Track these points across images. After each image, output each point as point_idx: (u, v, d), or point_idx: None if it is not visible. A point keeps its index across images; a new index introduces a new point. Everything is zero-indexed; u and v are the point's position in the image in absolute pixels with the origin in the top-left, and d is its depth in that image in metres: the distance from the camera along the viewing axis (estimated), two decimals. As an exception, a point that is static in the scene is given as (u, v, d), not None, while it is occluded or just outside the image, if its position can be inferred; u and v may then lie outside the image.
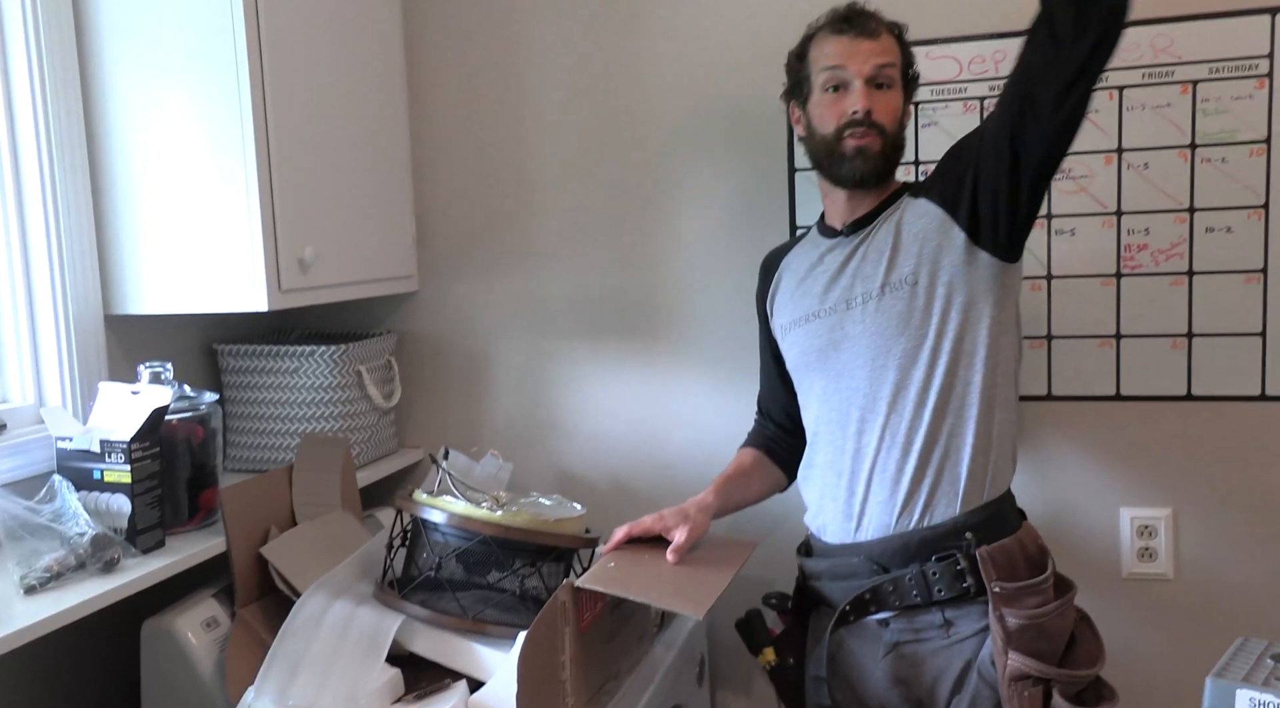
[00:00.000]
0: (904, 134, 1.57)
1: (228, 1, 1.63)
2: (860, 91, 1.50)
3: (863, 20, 1.53)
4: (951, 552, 1.47)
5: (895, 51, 1.54)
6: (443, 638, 1.50)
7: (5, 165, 1.63)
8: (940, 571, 1.47)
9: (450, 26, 2.14)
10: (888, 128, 1.52)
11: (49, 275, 1.66)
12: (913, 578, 1.48)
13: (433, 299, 2.21)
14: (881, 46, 1.52)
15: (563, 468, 2.17)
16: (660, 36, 2.03)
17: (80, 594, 1.37)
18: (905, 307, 1.50)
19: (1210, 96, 1.78)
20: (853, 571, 1.54)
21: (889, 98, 1.52)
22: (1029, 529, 1.54)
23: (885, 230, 1.54)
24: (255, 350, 1.96)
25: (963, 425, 1.49)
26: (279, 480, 1.70)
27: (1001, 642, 1.41)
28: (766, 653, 1.65)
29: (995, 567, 1.44)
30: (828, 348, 1.56)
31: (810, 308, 1.59)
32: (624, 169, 2.07)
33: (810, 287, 1.61)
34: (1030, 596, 1.43)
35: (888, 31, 1.54)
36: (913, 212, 1.53)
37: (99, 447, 1.51)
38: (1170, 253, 1.82)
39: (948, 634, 1.49)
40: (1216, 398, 1.83)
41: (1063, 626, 1.46)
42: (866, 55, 1.51)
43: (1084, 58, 1.31)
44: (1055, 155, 1.42)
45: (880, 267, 1.52)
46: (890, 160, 1.54)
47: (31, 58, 1.62)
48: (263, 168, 1.68)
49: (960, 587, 1.46)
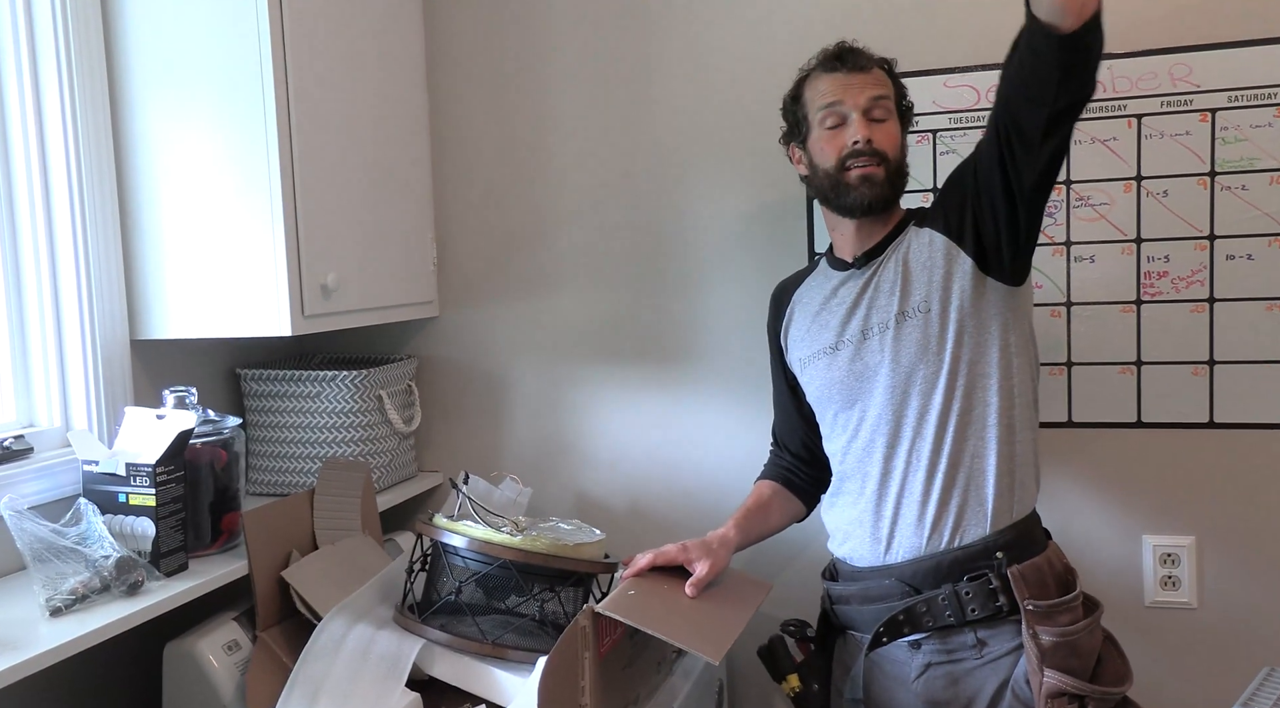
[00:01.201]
0: (906, 163, 1.60)
1: (254, 34, 1.67)
2: (859, 122, 1.54)
3: (853, 56, 1.57)
4: (983, 571, 1.48)
5: (888, 84, 1.58)
6: (463, 663, 1.50)
7: (36, 194, 1.66)
8: (973, 590, 1.48)
9: (471, 59, 2.16)
10: (889, 155, 1.54)
11: (77, 301, 1.69)
12: (945, 598, 1.49)
13: (453, 324, 2.23)
14: (874, 79, 1.56)
15: (581, 493, 2.17)
16: (677, 68, 2.05)
17: (105, 617, 1.38)
18: (921, 334, 1.51)
19: (1229, 125, 1.78)
20: (884, 593, 1.54)
21: (887, 127, 1.55)
22: (1055, 549, 1.55)
23: (895, 261, 1.56)
24: (277, 375, 1.98)
25: (985, 446, 1.50)
26: (300, 504, 1.71)
27: (1037, 659, 1.42)
28: (791, 680, 1.65)
29: (1028, 585, 1.45)
30: (849, 379, 1.58)
31: (828, 341, 1.61)
32: (641, 196, 2.09)
33: (827, 319, 1.62)
34: (1062, 613, 1.45)
35: (878, 66, 1.58)
36: (919, 241, 1.56)
37: (124, 470, 1.52)
38: (1191, 280, 1.82)
39: (981, 654, 1.49)
40: (1239, 425, 1.82)
41: (1092, 644, 1.47)
42: (861, 88, 1.55)
43: (1054, 93, 1.33)
44: (1048, 179, 1.44)
45: (894, 296, 1.54)
46: (894, 188, 1.56)
47: (64, 87, 1.65)
48: (287, 196, 1.70)
49: (993, 606, 1.47)
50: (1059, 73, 1.32)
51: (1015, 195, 1.45)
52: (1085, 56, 1.32)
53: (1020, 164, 1.42)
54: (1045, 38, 1.30)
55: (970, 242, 1.50)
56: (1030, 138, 1.39)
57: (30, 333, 1.68)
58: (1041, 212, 1.48)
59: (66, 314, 1.69)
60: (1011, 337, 1.51)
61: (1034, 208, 1.46)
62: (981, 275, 1.50)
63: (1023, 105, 1.38)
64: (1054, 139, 1.39)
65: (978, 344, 1.50)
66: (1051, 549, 1.53)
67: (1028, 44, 1.34)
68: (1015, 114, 1.39)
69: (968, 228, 1.50)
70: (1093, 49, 1.32)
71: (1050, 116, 1.36)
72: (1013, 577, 1.45)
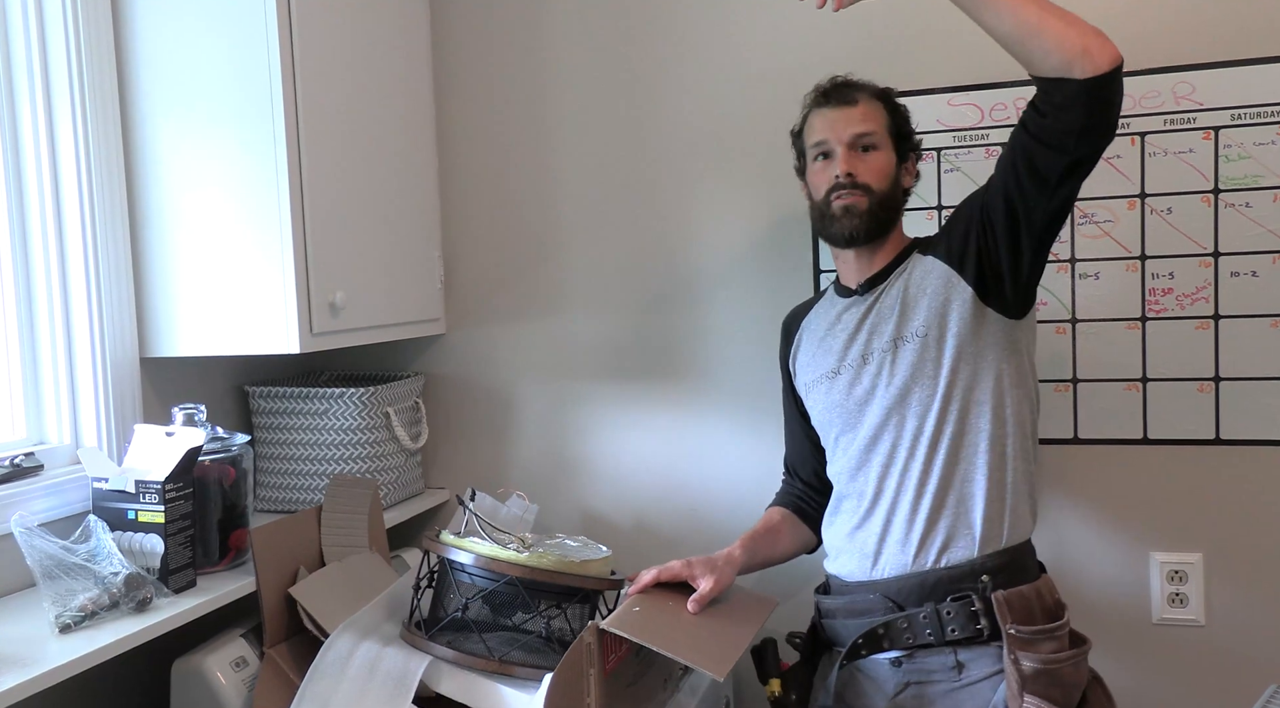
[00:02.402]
0: (900, 192, 1.61)
1: (264, 56, 1.68)
2: (842, 156, 1.57)
3: (839, 92, 1.60)
4: (967, 593, 1.48)
5: (878, 116, 1.59)
6: (469, 679, 1.50)
7: (48, 212, 1.68)
8: (955, 610, 1.48)
9: (478, 77, 2.18)
10: (874, 186, 1.56)
11: (87, 319, 1.70)
12: (927, 616, 1.49)
13: (460, 342, 2.24)
14: (861, 113, 1.58)
15: (587, 510, 2.17)
16: (683, 87, 2.06)
17: (113, 634, 1.38)
18: (918, 358, 1.53)
19: (1232, 142, 1.79)
20: (869, 607, 1.55)
21: (873, 158, 1.57)
22: (1048, 582, 1.54)
23: (897, 287, 1.58)
24: (285, 392, 1.99)
25: (975, 471, 1.51)
26: (308, 521, 1.71)
27: (1017, 685, 1.41)
28: (773, 684, 1.67)
29: (1012, 610, 1.45)
30: (848, 402, 1.59)
31: (831, 365, 1.63)
32: (649, 215, 2.10)
33: (830, 344, 1.64)
34: (1046, 641, 1.44)
35: (871, 97, 1.60)
36: (921, 268, 1.57)
37: (134, 487, 1.53)
38: (1195, 296, 1.82)
39: (959, 677, 1.49)
40: (1246, 442, 1.82)
41: (1077, 679, 1.46)
42: (846, 123, 1.57)
43: (1075, 143, 1.37)
44: (1058, 220, 1.47)
45: (893, 322, 1.56)
46: (880, 218, 1.57)
47: (76, 107, 1.67)
48: (296, 214, 1.72)
49: (974, 628, 1.47)
50: (1081, 123, 1.35)
51: (1022, 233, 1.46)
52: (1106, 107, 1.36)
53: (1032, 205, 1.44)
54: (1062, 90, 1.34)
55: (971, 271, 1.51)
56: (1046, 181, 1.42)
57: (41, 350, 1.70)
58: (1047, 251, 1.50)
59: (77, 332, 1.71)
60: (1007, 367, 1.52)
61: (1040, 247, 1.48)
62: (981, 305, 1.51)
63: (1041, 151, 1.40)
64: (1069, 184, 1.42)
65: (974, 372, 1.51)
66: (1043, 581, 1.53)
67: (1045, 98, 1.38)
68: (1032, 158, 1.41)
69: (970, 257, 1.51)
70: (1114, 100, 1.36)
71: (1069, 164, 1.39)
72: (996, 601, 1.45)
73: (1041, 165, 1.41)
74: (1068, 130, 1.36)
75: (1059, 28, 1.33)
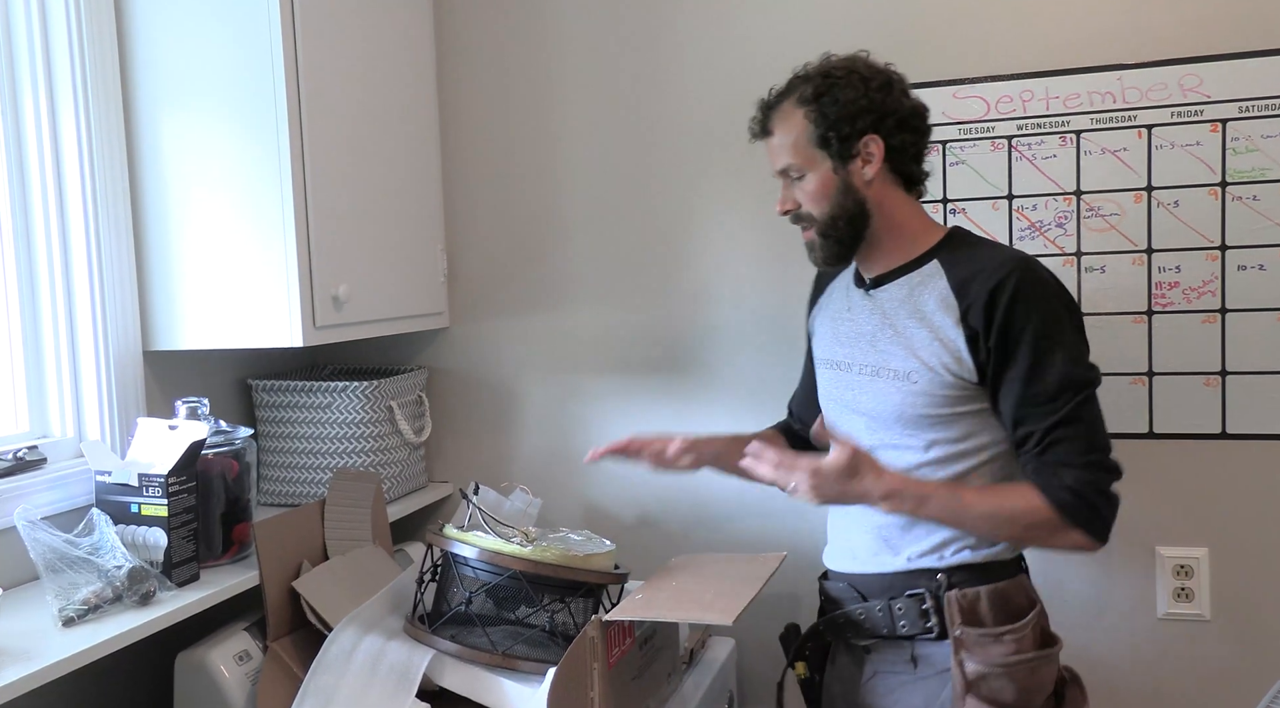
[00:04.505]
0: (854, 197, 1.45)
1: (267, 50, 1.68)
2: (781, 194, 1.52)
3: (758, 123, 1.54)
4: (921, 590, 1.45)
5: (795, 135, 1.47)
6: (472, 673, 1.50)
7: (51, 207, 1.67)
8: (906, 606, 1.46)
9: (481, 71, 2.18)
10: (814, 213, 1.47)
11: (90, 312, 1.70)
12: (881, 609, 1.48)
13: (463, 336, 2.24)
14: (777, 143, 1.50)
15: (591, 504, 2.17)
16: (690, 80, 2.06)
17: (117, 627, 1.38)
18: (902, 398, 1.44)
19: (1240, 135, 1.78)
20: (840, 596, 1.55)
21: (804, 186, 1.48)
22: (1020, 583, 1.47)
23: (900, 304, 1.47)
24: (289, 386, 1.99)
25: None
26: (311, 515, 1.71)
27: (961, 687, 1.40)
28: (799, 667, 1.66)
29: (961, 611, 1.41)
30: (840, 402, 1.56)
31: (835, 356, 1.58)
32: (651, 208, 2.10)
33: (839, 331, 1.58)
34: (994, 644, 1.40)
35: (788, 112, 1.48)
36: (934, 294, 1.44)
37: (137, 481, 1.53)
38: (1202, 290, 1.82)
39: (915, 671, 1.48)
40: (1252, 436, 1.81)
41: (1036, 682, 1.42)
42: (771, 156, 1.52)
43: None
44: None
45: (884, 348, 1.47)
46: (838, 237, 1.47)
47: (79, 101, 1.67)
48: (299, 208, 1.71)
49: (924, 625, 1.45)
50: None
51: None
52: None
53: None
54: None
55: (973, 370, 1.41)
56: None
57: (44, 344, 1.70)
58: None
59: (80, 325, 1.70)
60: (996, 435, 1.44)
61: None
62: (978, 388, 1.42)
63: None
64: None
65: (957, 432, 1.43)
66: (1014, 583, 1.45)
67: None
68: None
69: (986, 368, 1.41)
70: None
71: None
72: (947, 601, 1.42)
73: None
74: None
75: (1045, 541, 1.41)
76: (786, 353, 1.96)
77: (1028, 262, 1.43)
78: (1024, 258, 1.44)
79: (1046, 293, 1.41)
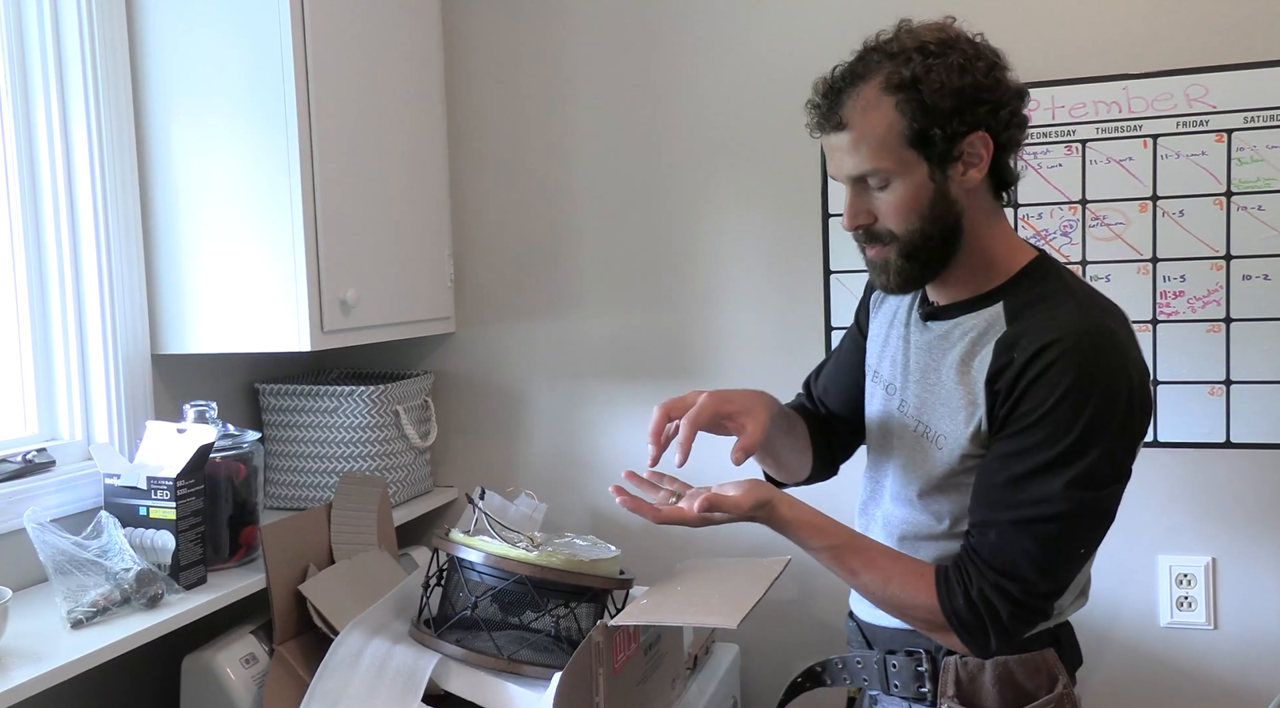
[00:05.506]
0: (949, 212, 1.18)
1: (277, 54, 1.69)
2: (847, 204, 1.21)
3: (825, 110, 1.20)
4: (919, 650, 1.29)
5: (882, 131, 1.16)
6: (478, 678, 1.50)
7: (61, 210, 1.68)
8: (901, 664, 1.30)
9: (489, 75, 2.19)
10: (896, 231, 1.19)
11: (99, 316, 1.71)
12: (878, 662, 1.33)
13: (469, 340, 2.24)
14: (854, 139, 1.17)
15: (597, 509, 2.18)
16: (699, 85, 2.06)
17: (125, 629, 1.39)
18: (930, 461, 1.27)
19: (1245, 145, 1.78)
20: (850, 638, 1.45)
21: (888, 196, 1.18)
22: (1044, 659, 1.25)
23: (949, 349, 1.25)
24: (296, 390, 2.00)
25: None
26: (318, 519, 1.72)
27: None
28: (850, 689, 1.57)
29: (955, 683, 1.24)
30: (878, 431, 1.39)
31: (885, 375, 1.38)
32: (659, 214, 2.10)
33: (888, 351, 1.38)
34: None
35: (872, 100, 1.16)
36: (981, 354, 1.21)
37: (145, 484, 1.54)
38: (1207, 300, 1.82)
39: None
40: (1256, 445, 1.81)
41: None
42: (840, 156, 1.20)
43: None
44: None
45: (925, 404, 1.28)
46: (922, 259, 1.20)
47: (90, 105, 1.68)
48: (308, 212, 1.72)
49: (917, 690, 1.29)
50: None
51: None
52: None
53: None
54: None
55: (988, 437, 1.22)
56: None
57: (54, 347, 1.71)
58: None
59: (89, 329, 1.71)
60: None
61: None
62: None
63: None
64: None
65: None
66: (1036, 658, 1.24)
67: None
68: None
69: (988, 422, 1.21)
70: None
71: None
72: (944, 666, 1.25)
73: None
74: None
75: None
76: (793, 359, 1.96)
77: (1095, 335, 1.14)
78: (1093, 327, 1.15)
79: (1093, 380, 1.13)
